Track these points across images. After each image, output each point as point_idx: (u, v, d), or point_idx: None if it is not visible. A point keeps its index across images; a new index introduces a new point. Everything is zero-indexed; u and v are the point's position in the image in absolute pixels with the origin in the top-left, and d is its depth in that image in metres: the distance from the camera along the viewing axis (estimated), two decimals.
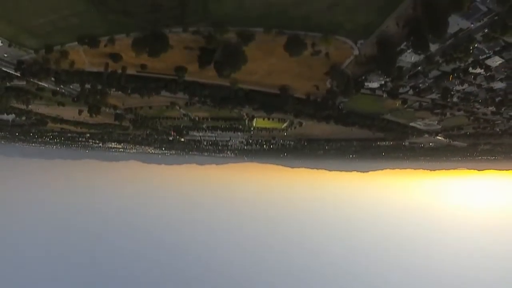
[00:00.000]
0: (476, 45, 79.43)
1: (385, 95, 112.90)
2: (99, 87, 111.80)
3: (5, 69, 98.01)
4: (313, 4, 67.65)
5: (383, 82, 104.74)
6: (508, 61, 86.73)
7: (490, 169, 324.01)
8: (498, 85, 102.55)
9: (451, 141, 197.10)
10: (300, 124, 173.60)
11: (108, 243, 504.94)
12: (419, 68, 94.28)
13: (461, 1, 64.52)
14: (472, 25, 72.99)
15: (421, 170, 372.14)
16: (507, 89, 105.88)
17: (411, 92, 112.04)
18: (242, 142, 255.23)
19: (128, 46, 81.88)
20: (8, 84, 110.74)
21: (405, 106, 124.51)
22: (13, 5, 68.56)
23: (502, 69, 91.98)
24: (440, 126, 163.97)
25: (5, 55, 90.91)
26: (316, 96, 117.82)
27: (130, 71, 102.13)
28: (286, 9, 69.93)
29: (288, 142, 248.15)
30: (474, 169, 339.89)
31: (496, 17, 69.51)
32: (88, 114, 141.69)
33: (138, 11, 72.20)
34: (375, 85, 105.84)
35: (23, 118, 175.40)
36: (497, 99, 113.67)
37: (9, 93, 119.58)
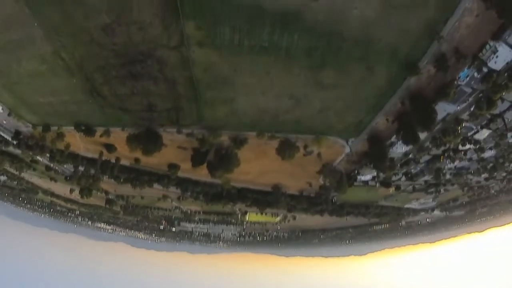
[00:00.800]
0: (463, 125, 79.54)
1: (378, 185, 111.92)
2: (92, 172, 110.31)
3: (2, 134, 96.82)
4: (305, 109, 68.41)
5: (375, 174, 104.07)
6: (496, 130, 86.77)
7: (491, 227, 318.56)
8: (488, 153, 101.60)
9: (448, 213, 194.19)
10: (294, 217, 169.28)
11: None
12: (410, 155, 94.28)
13: (446, 89, 65.66)
14: (459, 108, 73.63)
15: (420, 244, 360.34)
16: (497, 155, 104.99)
17: (403, 178, 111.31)
18: (235, 234, 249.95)
19: (123, 139, 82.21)
20: (3, 149, 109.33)
21: (399, 191, 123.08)
22: (16, 78, 68.67)
23: (491, 138, 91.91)
24: (435, 202, 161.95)
25: (4, 122, 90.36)
26: (309, 192, 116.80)
27: (124, 162, 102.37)
28: (278, 114, 70.62)
29: (282, 233, 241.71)
30: (475, 232, 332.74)
31: (480, 95, 70.14)
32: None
33: (134, 108, 73.54)
34: (367, 177, 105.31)
35: (15, 182, 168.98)
36: (489, 166, 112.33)
37: (4, 157, 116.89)
